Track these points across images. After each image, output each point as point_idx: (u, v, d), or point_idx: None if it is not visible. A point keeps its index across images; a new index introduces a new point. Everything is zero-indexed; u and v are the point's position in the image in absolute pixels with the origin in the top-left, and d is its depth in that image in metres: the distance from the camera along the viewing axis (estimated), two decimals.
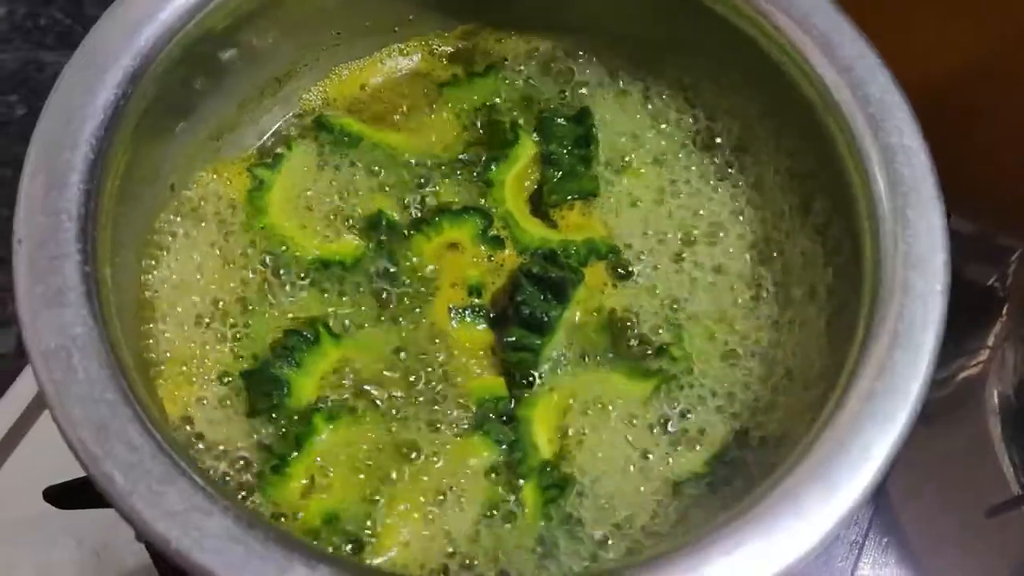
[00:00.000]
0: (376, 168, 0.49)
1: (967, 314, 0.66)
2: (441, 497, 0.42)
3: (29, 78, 0.85)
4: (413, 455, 0.43)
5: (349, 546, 0.41)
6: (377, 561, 0.40)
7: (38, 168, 0.37)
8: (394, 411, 0.44)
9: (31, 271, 0.35)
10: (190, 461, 0.34)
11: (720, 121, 0.49)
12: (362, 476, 0.42)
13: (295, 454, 0.42)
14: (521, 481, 0.42)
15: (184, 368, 0.45)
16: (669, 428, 0.44)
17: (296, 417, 0.43)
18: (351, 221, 0.48)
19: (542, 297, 0.45)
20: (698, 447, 0.43)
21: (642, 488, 0.42)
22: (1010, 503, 0.58)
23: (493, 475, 0.42)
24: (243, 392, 0.44)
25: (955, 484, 0.61)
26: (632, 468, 0.43)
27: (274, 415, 0.43)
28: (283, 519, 0.41)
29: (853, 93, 0.40)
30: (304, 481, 0.42)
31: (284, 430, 0.43)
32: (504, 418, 0.44)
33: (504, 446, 0.43)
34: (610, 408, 0.44)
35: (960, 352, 0.67)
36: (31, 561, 0.58)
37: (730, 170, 0.48)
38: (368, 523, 0.41)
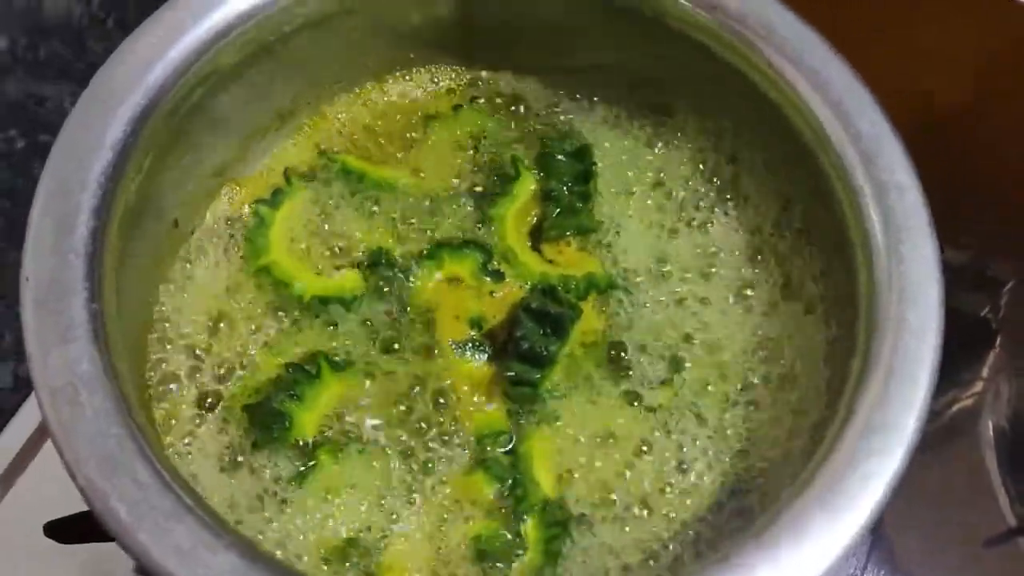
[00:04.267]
0: (377, 205, 0.50)
1: (961, 346, 0.67)
2: (441, 534, 0.42)
3: (29, 111, 0.86)
4: (414, 491, 0.43)
5: None
6: None
7: (46, 209, 0.38)
8: (396, 446, 0.44)
9: (38, 308, 0.36)
10: (195, 497, 0.34)
11: (718, 160, 0.50)
12: (364, 512, 0.43)
13: (300, 488, 0.43)
14: (523, 518, 0.42)
15: (188, 403, 0.45)
16: (670, 463, 0.44)
17: (299, 451, 0.43)
18: (351, 257, 0.48)
19: (541, 332, 0.46)
20: (700, 482, 0.43)
21: (645, 524, 0.42)
22: (1006, 535, 0.59)
23: (494, 512, 0.43)
24: (246, 426, 0.44)
25: (951, 516, 0.62)
26: (634, 504, 0.43)
27: (276, 449, 0.43)
28: (288, 554, 0.41)
29: (845, 129, 0.41)
30: (308, 516, 0.42)
31: (289, 465, 0.43)
32: (505, 454, 0.44)
33: (505, 483, 0.43)
34: (611, 443, 0.44)
35: (954, 383, 0.68)
36: None
37: (729, 207, 0.49)
38: (368, 559, 0.41)
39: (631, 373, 0.46)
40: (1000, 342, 0.67)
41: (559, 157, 0.51)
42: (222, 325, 0.47)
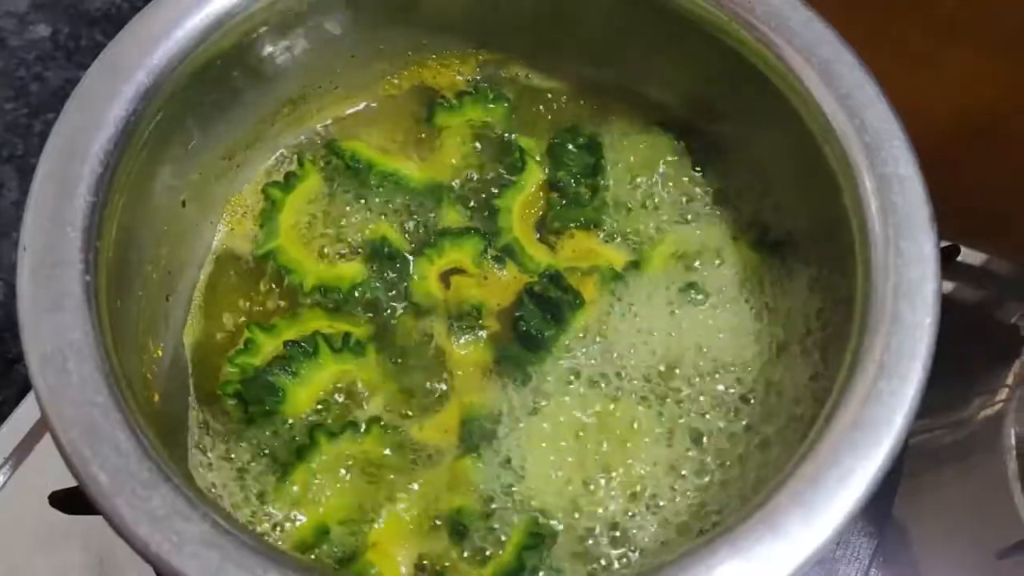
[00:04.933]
0: (383, 194, 0.50)
1: (990, 353, 0.65)
2: (428, 519, 0.42)
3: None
4: (404, 475, 0.43)
5: (337, 559, 0.41)
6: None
7: (47, 177, 0.38)
8: (390, 429, 0.44)
9: (33, 277, 0.36)
10: (175, 467, 0.34)
11: (721, 155, 0.50)
12: (354, 493, 0.43)
13: (295, 468, 0.43)
14: (508, 511, 0.42)
15: (192, 380, 0.46)
16: (669, 459, 0.43)
17: (294, 428, 0.44)
18: (356, 245, 0.49)
19: (542, 316, 0.46)
20: (695, 479, 0.43)
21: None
22: (1020, 545, 0.57)
23: (481, 499, 0.42)
24: (241, 402, 0.44)
25: (968, 524, 0.60)
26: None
27: (272, 426, 0.44)
28: (278, 530, 0.42)
29: (850, 121, 0.40)
30: (302, 494, 0.43)
31: (285, 444, 0.44)
32: (496, 442, 0.44)
33: (494, 473, 0.43)
34: (609, 438, 0.44)
35: (980, 391, 0.66)
36: (38, 571, 0.59)
37: (729, 202, 0.49)
38: (355, 539, 0.42)
39: (628, 361, 0.45)
40: None
41: (570, 148, 0.51)
42: (227, 308, 0.48)
